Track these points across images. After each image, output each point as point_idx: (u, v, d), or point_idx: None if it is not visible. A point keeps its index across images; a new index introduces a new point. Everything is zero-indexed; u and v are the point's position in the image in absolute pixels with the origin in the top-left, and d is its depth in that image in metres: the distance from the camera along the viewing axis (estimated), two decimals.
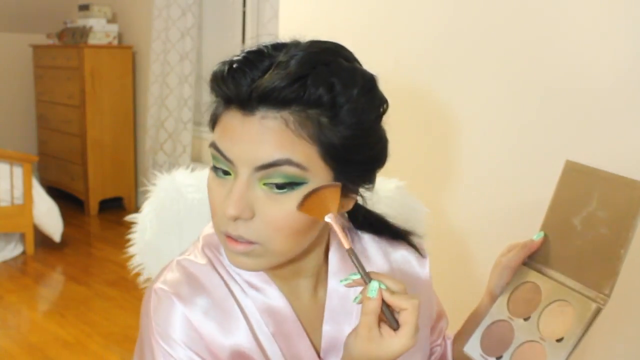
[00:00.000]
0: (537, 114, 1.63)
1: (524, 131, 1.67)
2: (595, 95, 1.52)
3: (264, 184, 0.70)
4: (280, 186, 0.70)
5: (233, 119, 0.70)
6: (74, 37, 4.65)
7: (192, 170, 1.18)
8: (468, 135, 1.80)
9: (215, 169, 0.74)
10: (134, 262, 1.17)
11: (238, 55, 0.72)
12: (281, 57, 0.70)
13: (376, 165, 0.79)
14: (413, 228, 1.33)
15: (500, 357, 0.78)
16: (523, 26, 1.64)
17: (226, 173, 0.72)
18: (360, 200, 0.86)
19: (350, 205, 0.81)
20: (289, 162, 0.69)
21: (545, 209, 0.86)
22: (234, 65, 0.70)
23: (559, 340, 0.74)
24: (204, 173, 1.10)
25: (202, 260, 0.83)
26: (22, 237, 3.82)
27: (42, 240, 3.92)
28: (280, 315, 0.82)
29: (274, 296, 0.82)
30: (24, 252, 3.81)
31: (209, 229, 0.88)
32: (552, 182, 0.87)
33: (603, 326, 1.54)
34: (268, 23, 3.57)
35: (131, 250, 1.18)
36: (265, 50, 0.72)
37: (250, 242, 0.73)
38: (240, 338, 0.79)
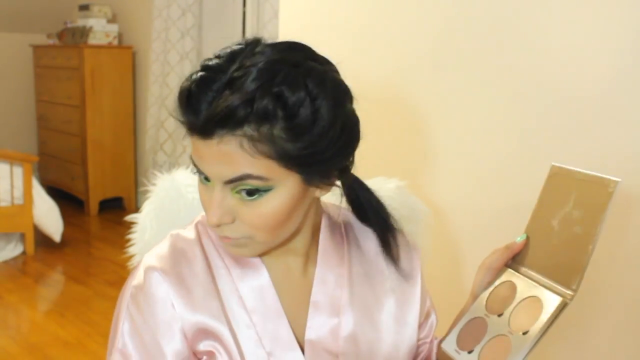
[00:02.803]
0: (537, 116, 1.63)
1: (525, 132, 1.67)
2: (589, 99, 1.52)
3: (236, 192, 0.76)
4: (249, 193, 0.75)
5: (197, 141, 0.74)
6: (74, 37, 4.65)
7: (192, 170, 1.18)
8: (468, 135, 1.80)
9: (198, 173, 0.79)
10: (134, 262, 1.17)
11: (197, 73, 0.74)
12: (235, 72, 0.71)
13: (345, 155, 0.80)
14: (412, 227, 1.33)
15: (472, 350, 0.81)
16: (519, 30, 1.64)
17: (207, 179, 0.78)
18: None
19: (327, 191, 0.83)
20: (249, 177, 0.73)
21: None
22: (191, 90, 0.72)
23: (524, 333, 0.77)
24: None
25: (191, 235, 0.88)
26: (22, 237, 3.82)
27: (42, 240, 3.92)
28: (262, 293, 0.86)
29: (258, 274, 0.87)
30: (24, 252, 3.81)
31: None
32: None
33: (574, 319, 1.55)
34: (268, 23, 3.57)
35: (131, 250, 1.18)
36: (223, 64, 0.73)
37: (237, 238, 0.79)
38: (209, 313, 0.83)
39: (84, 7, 4.69)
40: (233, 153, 0.71)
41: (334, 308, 0.89)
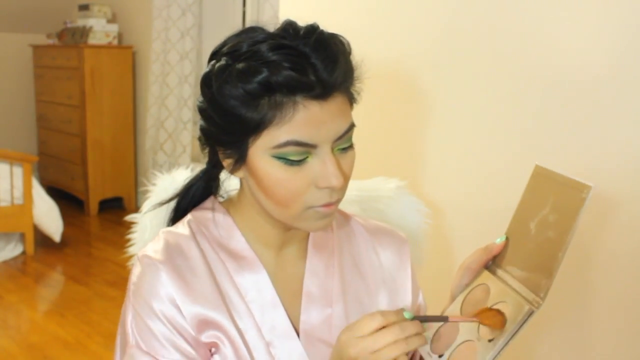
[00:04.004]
0: (539, 116, 1.63)
1: (525, 133, 1.67)
2: (587, 100, 1.52)
3: (337, 150, 0.81)
4: (348, 144, 0.82)
5: (310, 109, 0.77)
6: (74, 37, 4.65)
7: (192, 170, 1.18)
8: (468, 136, 1.80)
9: (288, 162, 0.79)
10: (134, 262, 1.17)
11: (295, 49, 0.77)
12: (331, 49, 0.79)
13: None
14: (411, 227, 1.33)
15: (442, 355, 0.80)
16: (518, 32, 1.64)
17: (301, 161, 0.79)
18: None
19: None
20: (353, 125, 0.82)
21: None
22: (310, 57, 0.77)
23: (490, 340, 0.75)
24: None
25: (185, 232, 0.90)
26: (22, 237, 3.82)
27: (42, 240, 3.92)
28: (258, 286, 0.88)
29: (254, 267, 0.88)
30: (24, 252, 3.81)
31: (195, 210, 0.94)
32: None
33: (574, 321, 1.55)
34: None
35: (131, 250, 1.19)
36: (303, 34, 0.80)
37: (338, 200, 0.83)
38: (209, 304, 0.84)
39: (84, 7, 4.69)
40: (342, 107, 0.80)
41: (327, 298, 0.91)
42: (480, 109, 1.76)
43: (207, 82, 0.81)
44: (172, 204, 0.98)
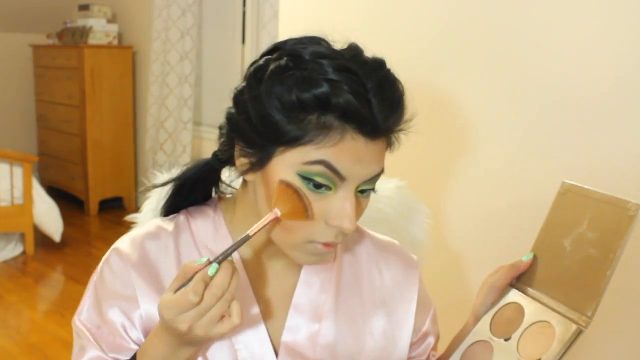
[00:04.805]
0: (538, 115, 1.63)
1: (524, 133, 1.67)
2: (590, 99, 1.52)
3: (358, 191, 0.77)
4: (371, 188, 0.79)
5: (356, 142, 0.73)
6: (74, 37, 4.65)
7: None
8: (468, 135, 1.80)
9: (312, 183, 0.74)
10: None
11: (358, 76, 0.73)
12: (394, 93, 0.77)
13: None
14: (411, 227, 1.33)
15: None
16: (519, 30, 1.64)
17: (326, 188, 0.74)
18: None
19: None
20: (382, 171, 0.79)
21: (544, 213, 0.85)
22: (379, 100, 0.74)
23: None
24: None
25: (169, 227, 0.87)
26: (22, 237, 3.82)
27: (42, 240, 3.92)
28: (237, 292, 0.83)
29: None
30: (24, 252, 3.81)
31: (194, 207, 0.91)
32: (551, 185, 0.87)
33: (587, 345, 1.55)
34: (268, 23, 3.57)
35: None
36: (370, 67, 0.76)
37: (339, 243, 0.80)
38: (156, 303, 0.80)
39: (84, 7, 4.69)
40: (382, 151, 0.77)
41: (316, 313, 0.86)
42: (480, 108, 1.76)
43: (258, 76, 0.75)
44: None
